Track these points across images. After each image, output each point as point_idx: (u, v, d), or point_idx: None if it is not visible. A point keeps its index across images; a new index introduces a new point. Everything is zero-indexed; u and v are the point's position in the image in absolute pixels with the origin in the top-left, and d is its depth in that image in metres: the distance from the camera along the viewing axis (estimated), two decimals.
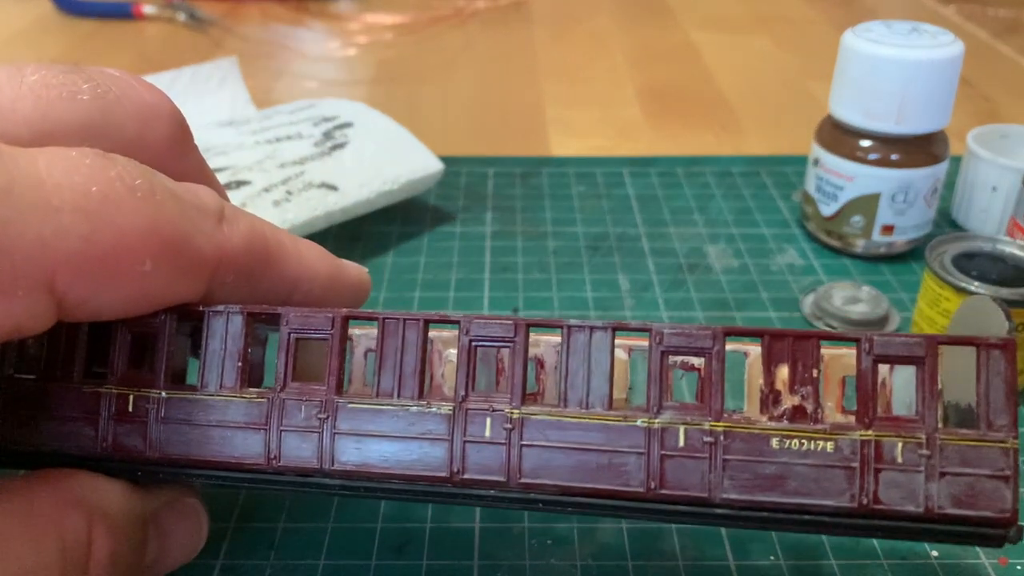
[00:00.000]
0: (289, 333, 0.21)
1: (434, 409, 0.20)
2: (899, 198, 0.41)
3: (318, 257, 0.23)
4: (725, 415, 0.19)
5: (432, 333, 0.22)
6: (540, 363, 0.23)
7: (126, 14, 0.79)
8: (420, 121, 0.59)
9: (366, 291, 0.25)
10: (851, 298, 0.39)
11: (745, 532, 0.27)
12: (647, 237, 0.45)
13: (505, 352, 0.21)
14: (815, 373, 0.19)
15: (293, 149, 0.44)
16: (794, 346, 0.19)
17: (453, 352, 0.23)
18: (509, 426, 0.20)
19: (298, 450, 0.20)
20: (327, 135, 0.45)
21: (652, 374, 0.20)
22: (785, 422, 0.19)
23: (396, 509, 0.28)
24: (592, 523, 0.28)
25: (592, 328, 0.20)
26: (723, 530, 0.28)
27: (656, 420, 0.19)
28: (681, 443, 0.19)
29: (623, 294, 0.40)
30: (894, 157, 0.40)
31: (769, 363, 0.19)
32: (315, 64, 0.71)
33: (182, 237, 0.19)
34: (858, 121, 0.41)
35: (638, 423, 0.19)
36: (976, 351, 0.19)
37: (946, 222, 0.46)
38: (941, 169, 0.41)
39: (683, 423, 0.19)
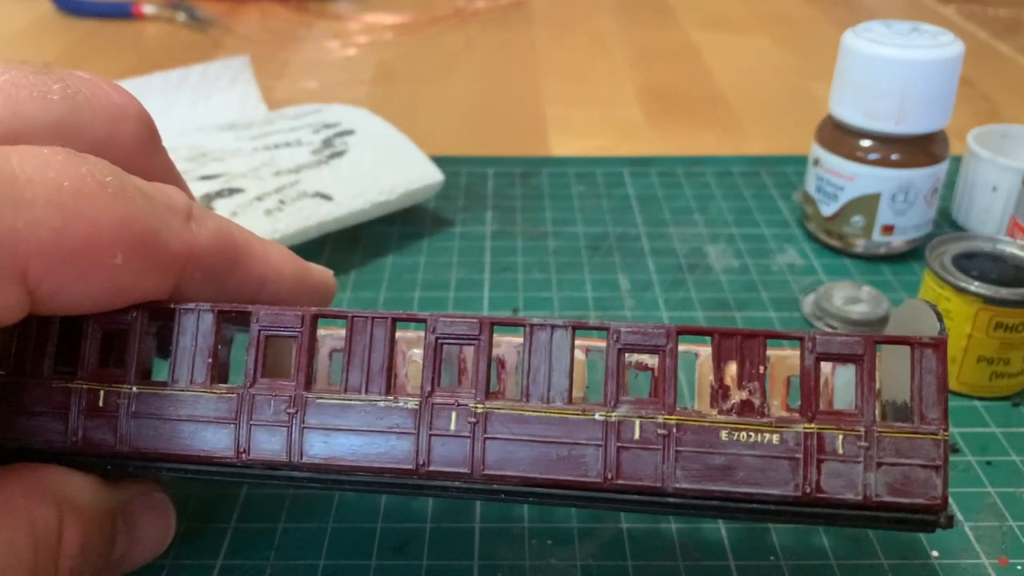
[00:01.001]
0: (259, 330, 0.21)
1: (401, 404, 0.21)
2: (899, 198, 0.41)
3: (284, 258, 0.24)
4: (678, 409, 0.20)
5: (397, 333, 0.22)
6: (501, 363, 0.24)
7: (126, 14, 0.79)
8: (420, 121, 0.59)
9: (331, 293, 0.26)
10: (851, 298, 0.39)
11: (745, 532, 0.27)
12: (647, 237, 0.45)
13: (468, 352, 0.22)
14: (761, 370, 0.20)
15: (290, 156, 0.44)
16: (742, 344, 0.20)
17: (417, 352, 0.24)
18: (473, 420, 0.20)
19: (267, 444, 0.21)
20: (326, 143, 0.45)
21: (609, 370, 0.21)
22: (734, 416, 0.20)
23: (396, 509, 0.28)
24: (592, 523, 0.28)
25: (553, 327, 0.21)
26: (723, 531, 0.28)
27: (613, 414, 0.20)
28: (636, 435, 0.20)
29: (623, 294, 0.40)
30: (894, 157, 0.40)
31: (719, 360, 0.20)
32: (315, 64, 0.71)
33: (152, 233, 0.19)
34: (858, 121, 0.41)
35: (596, 416, 0.20)
36: (911, 350, 0.20)
37: (946, 222, 0.46)
38: (941, 169, 0.41)
39: (638, 416, 0.20)
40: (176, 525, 0.23)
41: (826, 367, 0.23)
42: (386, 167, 0.44)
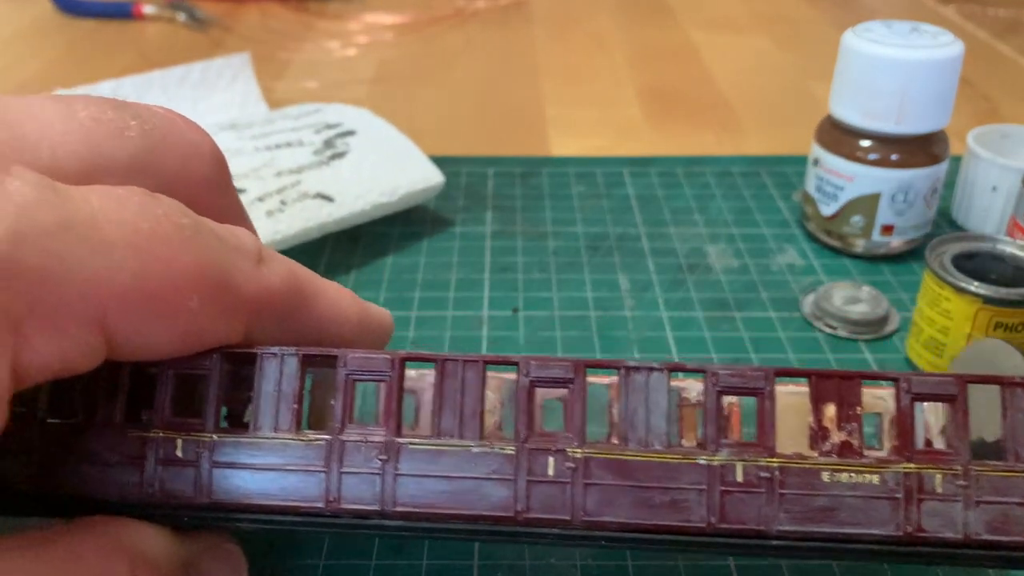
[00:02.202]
0: (347, 375, 0.21)
1: (496, 449, 0.20)
2: (899, 198, 0.41)
3: (347, 299, 0.23)
4: (778, 452, 0.20)
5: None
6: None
7: (126, 14, 0.79)
8: (420, 121, 0.59)
9: (389, 333, 0.25)
10: (851, 298, 0.39)
11: None
12: (647, 237, 0.45)
13: (555, 393, 0.22)
14: (859, 410, 0.20)
15: (292, 157, 0.44)
16: (840, 386, 0.20)
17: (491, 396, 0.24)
18: (572, 465, 0.20)
19: (358, 491, 0.20)
20: (328, 143, 0.45)
21: (709, 413, 0.20)
22: (834, 457, 0.20)
23: None
24: None
25: (650, 369, 0.21)
26: None
27: (715, 458, 0.20)
28: (739, 479, 0.20)
29: (623, 294, 0.40)
30: (894, 157, 0.41)
31: (817, 401, 0.20)
32: (315, 64, 0.71)
33: (226, 276, 0.19)
34: (858, 121, 0.41)
35: (699, 460, 0.20)
36: (1000, 389, 0.20)
37: (946, 222, 0.46)
38: (941, 169, 0.41)
39: (741, 460, 0.20)
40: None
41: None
42: (387, 168, 0.44)
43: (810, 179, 0.44)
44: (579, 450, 0.20)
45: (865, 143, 0.41)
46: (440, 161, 0.47)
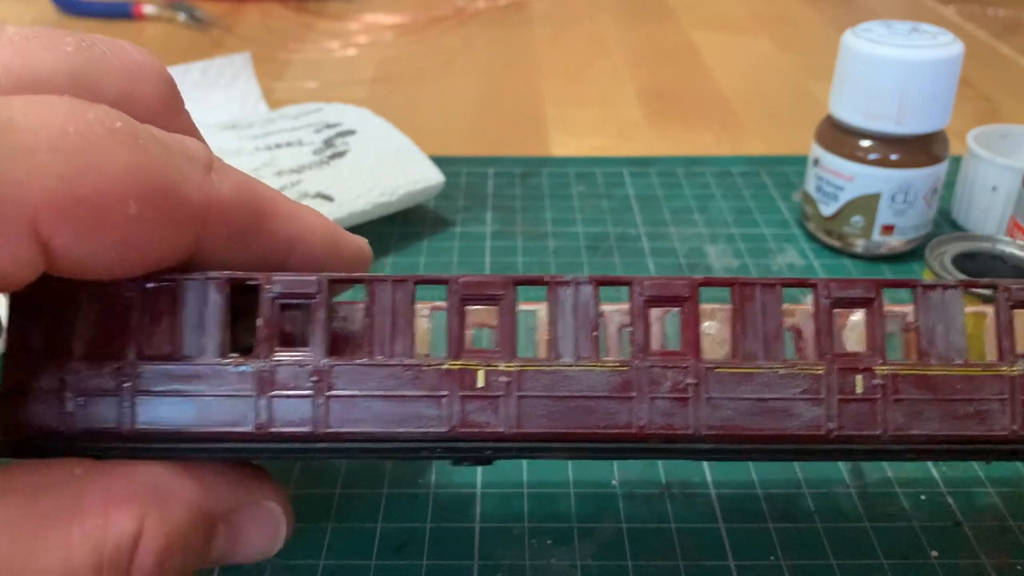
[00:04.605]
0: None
1: (798, 371, 0.20)
2: (899, 198, 0.41)
3: (316, 221, 0.22)
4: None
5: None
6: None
7: (126, 14, 0.79)
8: (420, 121, 0.59)
9: (366, 260, 0.24)
10: None
11: (744, 533, 0.28)
12: (647, 237, 0.45)
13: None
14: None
15: (292, 156, 0.44)
16: None
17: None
18: (880, 382, 0.21)
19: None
20: (328, 143, 0.45)
21: (1002, 327, 0.21)
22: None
23: (396, 509, 0.28)
24: (592, 523, 0.28)
25: (944, 287, 0.21)
26: (724, 531, 0.28)
27: (1014, 368, 0.21)
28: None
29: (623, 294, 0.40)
30: (894, 157, 0.40)
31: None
32: (315, 64, 0.71)
33: (168, 182, 0.18)
34: (858, 121, 0.41)
35: (1000, 372, 0.21)
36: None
37: (946, 222, 0.46)
38: (941, 169, 0.41)
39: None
40: (287, 535, 0.22)
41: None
42: (387, 168, 0.44)
43: (810, 179, 0.44)
44: (885, 367, 0.21)
45: (865, 143, 0.41)
46: (440, 161, 0.47)
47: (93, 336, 0.20)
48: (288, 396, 0.20)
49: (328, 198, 0.41)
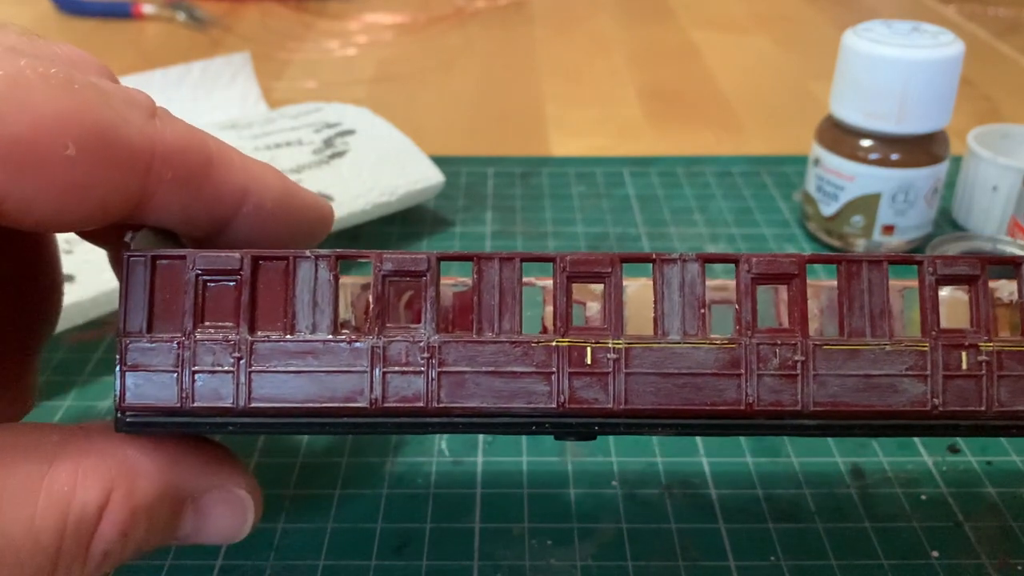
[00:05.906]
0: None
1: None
2: (899, 198, 0.41)
3: (269, 171, 0.22)
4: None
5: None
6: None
7: (126, 14, 0.79)
8: (420, 121, 0.59)
9: (325, 220, 0.24)
10: None
11: (744, 533, 0.27)
12: (647, 237, 0.45)
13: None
14: None
15: (292, 156, 0.44)
16: None
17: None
18: (986, 359, 0.21)
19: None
20: (327, 142, 0.45)
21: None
22: None
23: (396, 509, 0.28)
24: (592, 523, 0.28)
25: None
26: (724, 531, 0.28)
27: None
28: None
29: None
30: (894, 157, 0.40)
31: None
32: (315, 64, 0.71)
33: (108, 123, 0.18)
34: (858, 121, 0.41)
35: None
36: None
37: (946, 222, 0.46)
38: (941, 169, 0.41)
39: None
40: (253, 525, 0.22)
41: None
42: (387, 168, 0.44)
43: (810, 179, 0.44)
44: (990, 344, 0.21)
45: (865, 143, 0.41)
46: (440, 161, 0.47)
47: (207, 314, 0.20)
48: (401, 372, 0.20)
49: (328, 198, 0.41)
